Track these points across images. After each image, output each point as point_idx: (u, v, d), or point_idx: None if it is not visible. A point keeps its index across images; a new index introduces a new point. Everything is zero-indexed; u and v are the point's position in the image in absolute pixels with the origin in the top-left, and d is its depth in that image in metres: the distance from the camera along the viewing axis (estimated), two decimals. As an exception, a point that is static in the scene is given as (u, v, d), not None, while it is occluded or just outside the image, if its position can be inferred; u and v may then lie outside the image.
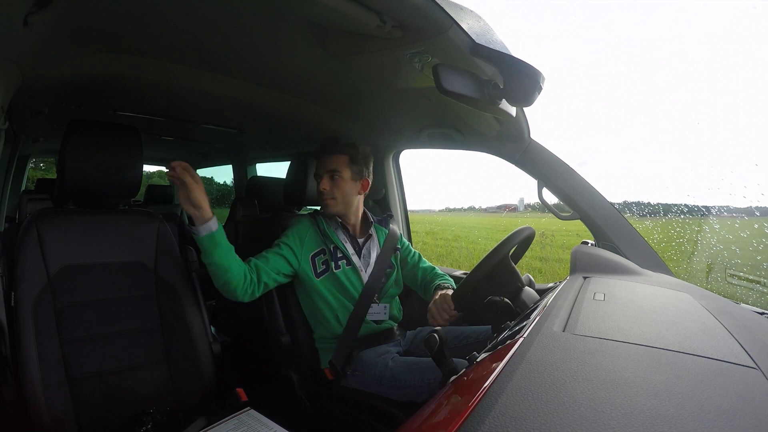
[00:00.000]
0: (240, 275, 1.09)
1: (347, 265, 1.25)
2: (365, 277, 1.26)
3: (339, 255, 1.25)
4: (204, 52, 1.08)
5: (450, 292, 1.17)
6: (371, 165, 1.33)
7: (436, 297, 1.17)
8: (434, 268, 1.40)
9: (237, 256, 1.10)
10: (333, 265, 1.24)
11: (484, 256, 0.99)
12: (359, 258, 1.28)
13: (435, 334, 0.76)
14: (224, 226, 1.04)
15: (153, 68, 1.12)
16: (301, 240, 1.24)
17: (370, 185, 1.31)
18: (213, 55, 1.09)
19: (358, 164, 1.27)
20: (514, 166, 1.34)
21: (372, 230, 1.33)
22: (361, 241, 1.31)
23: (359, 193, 1.30)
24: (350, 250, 1.27)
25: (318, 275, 1.23)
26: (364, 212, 1.35)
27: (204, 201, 1.01)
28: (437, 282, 1.30)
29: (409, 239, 1.89)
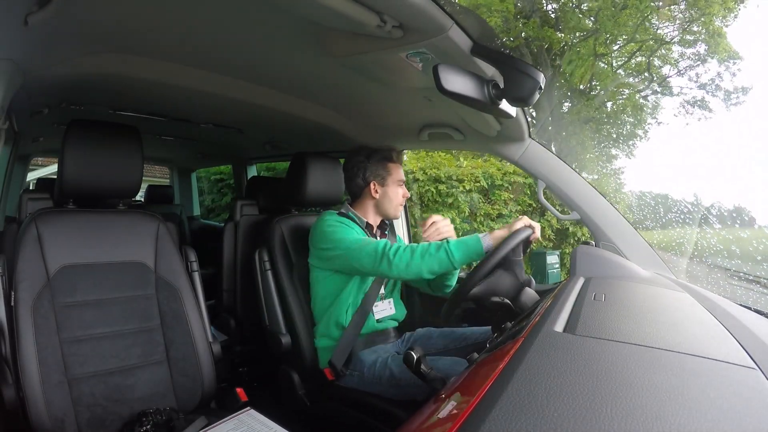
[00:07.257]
0: None
1: None
2: None
3: None
4: (204, 52, 1.08)
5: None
6: None
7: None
8: None
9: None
10: None
11: (479, 262, 1.00)
12: None
13: (411, 352, 0.75)
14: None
15: (153, 68, 1.12)
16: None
17: None
18: (213, 54, 1.09)
19: None
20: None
21: (377, 231, 1.36)
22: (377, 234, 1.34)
23: None
24: None
25: None
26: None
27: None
28: None
29: (410, 239, 1.89)
